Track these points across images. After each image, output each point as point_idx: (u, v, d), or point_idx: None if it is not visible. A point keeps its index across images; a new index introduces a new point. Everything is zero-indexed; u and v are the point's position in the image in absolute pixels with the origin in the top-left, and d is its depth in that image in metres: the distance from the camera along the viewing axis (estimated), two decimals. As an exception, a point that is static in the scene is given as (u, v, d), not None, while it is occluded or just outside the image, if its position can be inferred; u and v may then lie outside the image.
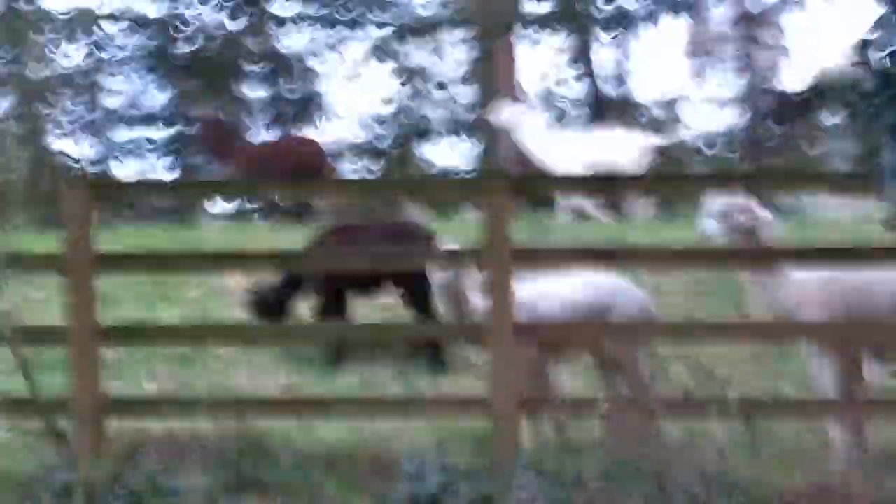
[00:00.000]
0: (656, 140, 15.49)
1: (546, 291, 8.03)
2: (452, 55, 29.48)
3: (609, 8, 25.51)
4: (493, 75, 21.38)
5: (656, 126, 28.43)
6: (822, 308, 7.11)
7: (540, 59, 28.68)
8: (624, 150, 14.95)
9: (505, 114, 15.81)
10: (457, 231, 10.45)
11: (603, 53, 26.85)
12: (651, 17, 27.33)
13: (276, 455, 6.69)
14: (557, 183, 8.05)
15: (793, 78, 29.01)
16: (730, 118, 29.48)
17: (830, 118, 28.98)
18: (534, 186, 7.70)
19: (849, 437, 6.98)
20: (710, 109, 29.91)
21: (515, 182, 6.55)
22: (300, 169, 15.68)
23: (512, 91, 18.74)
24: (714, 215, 7.42)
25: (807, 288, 7.18)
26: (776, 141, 27.76)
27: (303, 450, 6.78)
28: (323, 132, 29.46)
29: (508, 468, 6.13)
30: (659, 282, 10.67)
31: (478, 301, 7.96)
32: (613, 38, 26.95)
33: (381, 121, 30.07)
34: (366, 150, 29.91)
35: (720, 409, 6.71)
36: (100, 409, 6.83)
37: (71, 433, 6.87)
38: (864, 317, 6.97)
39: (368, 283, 10.49)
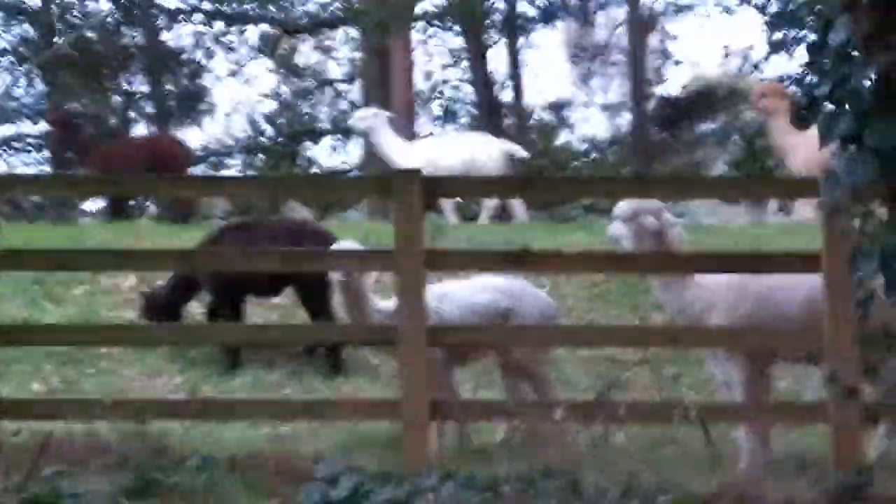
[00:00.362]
0: (517, 147, 15.46)
1: (446, 294, 7.97)
2: (342, 53, 29.45)
3: (502, 8, 25.55)
4: (384, 74, 21.29)
5: (544, 129, 28.62)
6: (729, 313, 7.13)
7: (433, 58, 28.77)
8: (484, 154, 14.89)
9: (362, 118, 15.76)
10: (345, 231, 10.39)
11: (496, 55, 26.89)
12: (543, 21, 27.46)
13: (179, 458, 6.51)
14: (471, 184, 7.99)
15: (677, 84, 29.47)
16: (617, 123, 29.86)
17: (711, 124, 29.46)
18: (445, 187, 7.59)
19: (755, 441, 7.00)
20: (597, 114, 30.25)
21: (428, 182, 6.45)
22: (157, 168, 15.39)
23: (406, 90, 18.67)
24: (621, 218, 7.41)
25: (714, 293, 7.20)
26: (662, 145, 28.09)
27: (206, 453, 6.60)
28: (206, 128, 29.23)
29: (420, 472, 6.04)
30: (556, 284, 10.70)
31: (376, 302, 7.88)
32: (506, 40, 27.05)
33: (265, 118, 29.82)
34: (250, 147, 29.63)
35: (628, 413, 6.69)
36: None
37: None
38: (769, 322, 7.01)
39: (264, 284, 10.31)
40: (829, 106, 3.53)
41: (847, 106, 3.48)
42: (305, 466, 6.58)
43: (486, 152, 14.92)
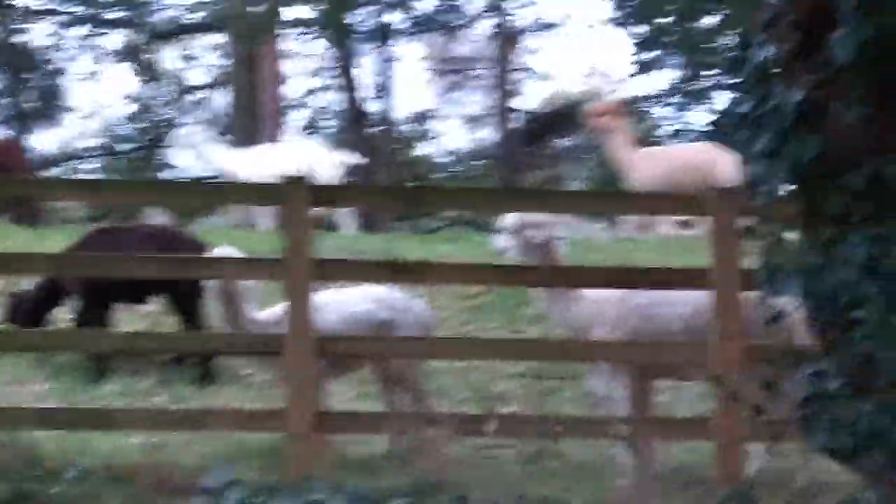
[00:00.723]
0: (353, 155, 15.42)
1: (326, 304, 7.87)
2: (207, 59, 29.07)
3: (370, 19, 25.49)
4: (250, 81, 21.04)
5: (407, 140, 28.62)
6: (614, 327, 7.17)
7: (300, 67, 28.55)
8: (319, 163, 14.78)
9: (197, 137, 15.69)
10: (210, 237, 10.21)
11: (364, 66, 26.78)
12: (411, 33, 27.45)
13: (55, 469, 6.30)
14: (359, 193, 7.90)
15: (540, 99, 29.70)
16: (480, 136, 29.97)
17: (573, 140, 29.75)
18: (332, 196, 7.49)
19: (639, 456, 7.03)
20: (461, 126, 30.34)
21: (315, 191, 6.36)
22: None
23: (274, 98, 18.48)
24: (509, 231, 7.40)
25: (599, 307, 7.23)
26: (525, 159, 28.28)
27: (84, 463, 6.40)
28: (63, 130, 28.62)
29: (306, 484, 5.92)
30: (432, 295, 10.65)
31: (251, 312, 7.75)
32: (374, 50, 26.98)
33: (126, 122, 29.33)
34: (109, 151, 29.09)
35: (513, 427, 6.68)
36: None
37: None
38: (653, 336, 7.06)
39: (135, 291, 10.05)
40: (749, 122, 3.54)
41: (768, 124, 3.50)
42: (186, 478, 6.45)
43: (321, 161, 14.79)
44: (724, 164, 13.34)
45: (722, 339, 6.31)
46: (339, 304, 7.90)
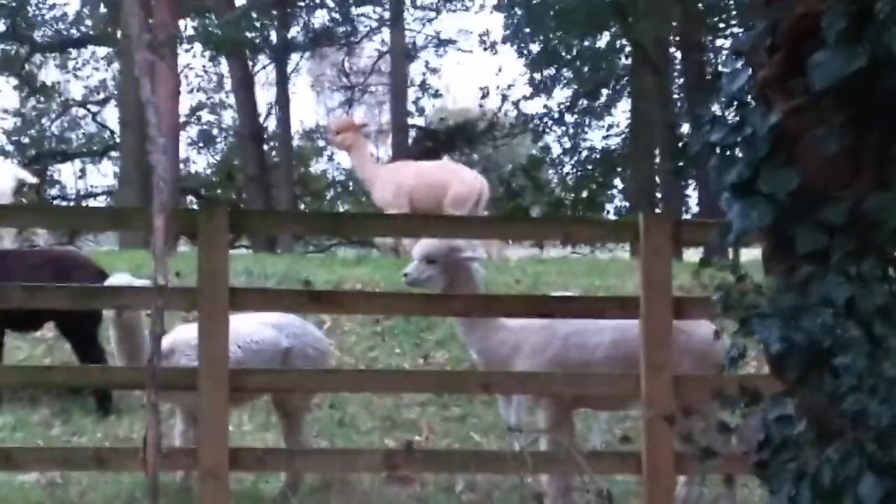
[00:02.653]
0: (27, 174, 14.97)
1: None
2: (94, 73, 28.45)
3: (268, 35, 25.09)
4: (143, 95, 20.44)
5: (302, 156, 28.26)
6: (536, 357, 6.93)
7: (195, 82, 28.09)
8: None
9: None
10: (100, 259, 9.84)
11: (261, 81, 26.39)
12: (307, 49, 27.09)
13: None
14: (279, 219, 7.58)
15: (437, 116, 29.55)
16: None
17: (469, 157, 29.67)
18: (252, 222, 7.15)
19: (558, 490, 6.79)
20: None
21: (235, 216, 6.04)
22: None
23: (171, 113, 18.01)
24: (423, 257, 7.13)
25: (519, 335, 6.98)
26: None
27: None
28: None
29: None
30: (337, 321, 10.38)
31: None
32: (271, 65, 26.60)
33: (6, 136, 28.56)
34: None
35: (428, 461, 6.41)
36: None
37: None
38: (575, 366, 6.83)
39: (26, 317, 9.55)
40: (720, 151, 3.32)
41: (741, 152, 3.28)
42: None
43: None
44: (461, 182, 14.08)
45: (650, 369, 6.08)
46: (242, 332, 7.55)
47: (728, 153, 3.29)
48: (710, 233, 6.26)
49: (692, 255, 15.10)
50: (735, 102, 3.29)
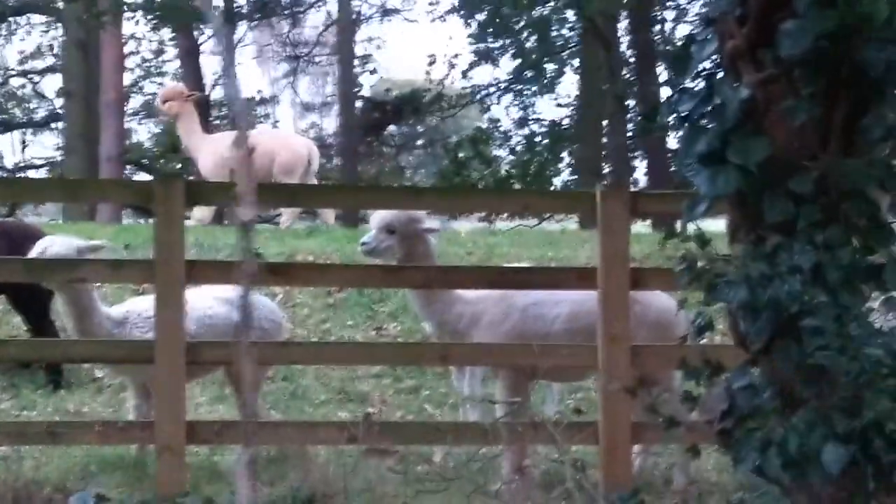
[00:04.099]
0: None
1: None
2: (38, 42, 28.05)
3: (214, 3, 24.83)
4: (89, 66, 20.28)
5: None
6: (494, 328, 6.93)
7: (140, 52, 27.75)
8: None
9: None
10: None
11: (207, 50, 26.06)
12: (252, 17, 26.88)
13: None
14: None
15: (383, 87, 29.38)
16: (319, 123, 29.59)
17: (416, 129, 29.61)
18: (209, 195, 7.08)
19: (513, 461, 6.79)
20: (300, 113, 29.91)
21: (192, 189, 5.99)
22: None
23: (116, 84, 17.83)
24: (380, 228, 7.10)
25: (477, 307, 6.98)
26: (364, 149, 27.98)
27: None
28: None
29: (180, 500, 5.58)
30: (289, 293, 10.34)
31: (105, 310, 7.36)
32: (216, 34, 26.33)
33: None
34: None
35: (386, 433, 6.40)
36: None
37: None
38: (533, 337, 6.84)
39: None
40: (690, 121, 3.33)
41: (709, 123, 3.29)
42: (46, 495, 6.06)
43: None
44: (287, 149, 14.19)
45: (608, 339, 6.11)
46: (196, 306, 7.50)
47: (696, 123, 3.30)
48: (667, 203, 6.31)
49: (639, 227, 15.15)
50: (703, 72, 3.30)
